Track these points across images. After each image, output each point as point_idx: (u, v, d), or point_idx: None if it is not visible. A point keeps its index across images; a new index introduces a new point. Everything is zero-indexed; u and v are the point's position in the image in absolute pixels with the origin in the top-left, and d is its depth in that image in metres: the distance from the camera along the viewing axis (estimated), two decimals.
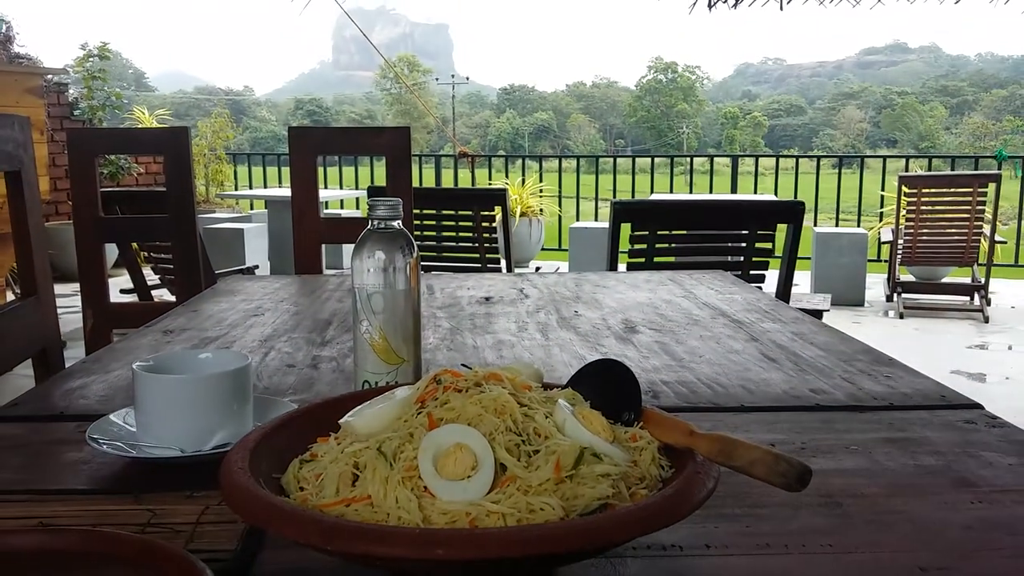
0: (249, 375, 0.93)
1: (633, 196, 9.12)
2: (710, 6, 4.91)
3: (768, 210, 3.10)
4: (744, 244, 2.98)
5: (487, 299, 1.81)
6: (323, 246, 2.78)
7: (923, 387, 1.17)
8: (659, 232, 2.96)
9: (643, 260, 2.92)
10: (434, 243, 3.92)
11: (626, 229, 2.90)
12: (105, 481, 0.87)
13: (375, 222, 0.95)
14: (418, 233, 3.79)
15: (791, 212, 2.93)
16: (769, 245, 3.00)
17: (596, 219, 9.13)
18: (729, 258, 3.20)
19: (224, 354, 0.98)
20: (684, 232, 3.12)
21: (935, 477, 0.87)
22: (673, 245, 3.08)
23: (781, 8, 4.73)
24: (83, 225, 2.57)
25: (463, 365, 0.77)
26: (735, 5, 5.05)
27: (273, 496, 0.62)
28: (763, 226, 2.98)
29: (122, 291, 4.89)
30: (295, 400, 1.04)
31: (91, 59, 8.05)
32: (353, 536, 0.56)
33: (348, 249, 7.59)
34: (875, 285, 6.96)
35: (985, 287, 6.18)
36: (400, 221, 0.96)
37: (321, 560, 0.69)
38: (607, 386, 0.79)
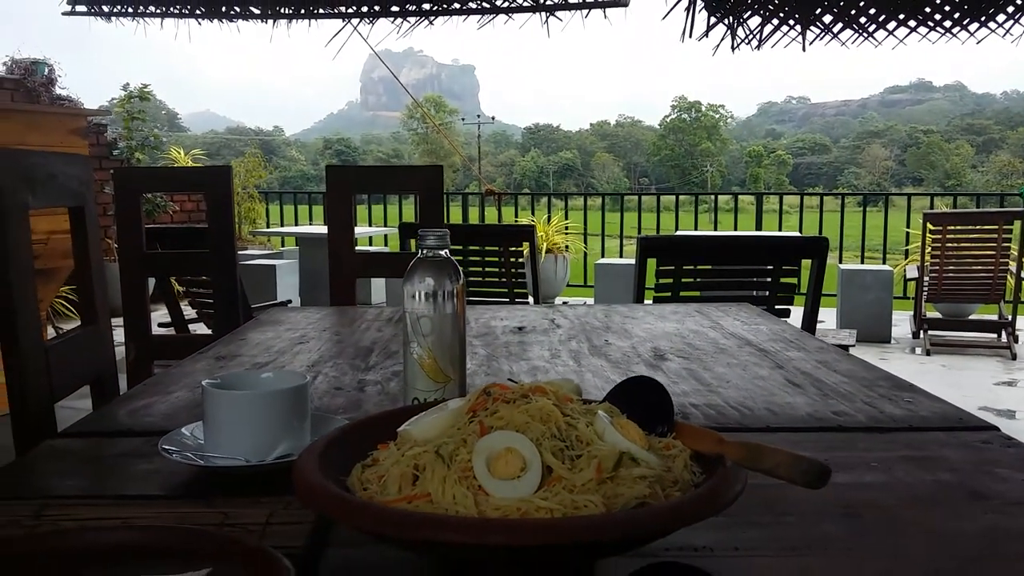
0: (308, 393, 1.01)
1: (658, 233, 9.19)
2: (733, 48, 4.99)
3: (792, 246, 3.15)
4: (769, 279, 3.03)
5: (520, 329, 1.88)
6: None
7: (941, 410, 1.22)
8: (685, 267, 3.02)
9: (669, 295, 2.98)
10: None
11: (652, 265, 2.96)
12: (177, 488, 0.94)
13: (424, 251, 1.03)
14: None
15: (815, 248, 2.98)
16: (794, 280, 3.05)
17: (621, 256, 9.20)
18: (755, 293, 3.25)
19: (284, 374, 1.06)
20: (710, 267, 3.18)
21: (951, 491, 0.92)
22: (699, 280, 3.13)
23: (804, 49, 4.79)
24: (128, 260, 2.67)
25: (509, 379, 0.84)
26: (758, 46, 5.11)
27: (346, 493, 0.69)
28: (788, 262, 3.03)
29: (159, 325, 5.00)
30: (346, 419, 1.11)
31: (132, 100, 8.29)
32: (420, 525, 0.62)
33: (376, 284, 7.71)
34: (901, 322, 6.95)
35: (1012, 324, 6.16)
36: (448, 250, 1.04)
37: (381, 556, 0.76)
38: (642, 401, 0.85)
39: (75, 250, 1.68)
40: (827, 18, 4.77)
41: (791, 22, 4.79)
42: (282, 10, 5.27)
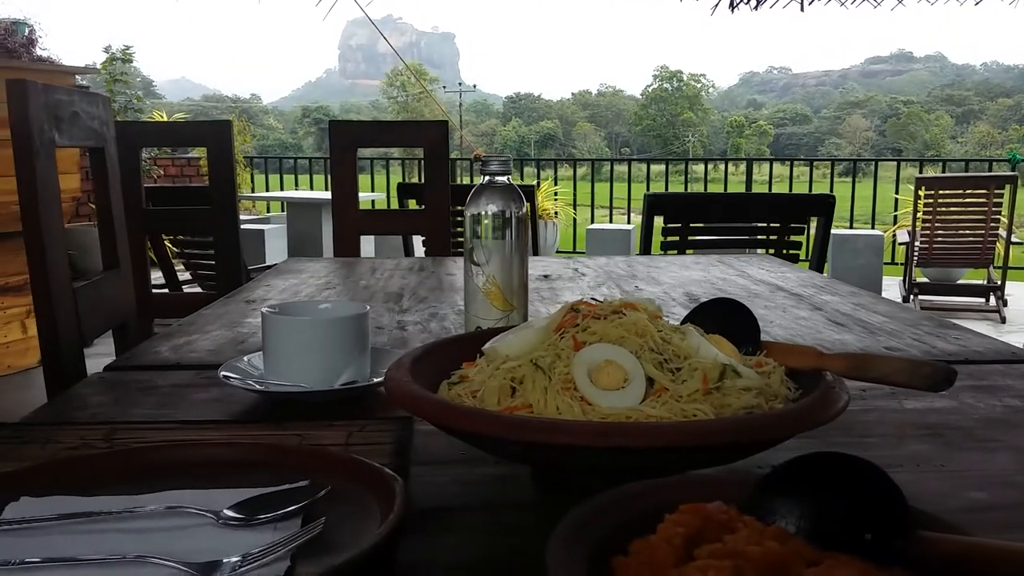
0: (368, 322, 0.99)
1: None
2: (732, 7, 4.95)
3: (799, 203, 3.15)
4: (775, 237, 3.03)
5: (546, 276, 1.86)
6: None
7: (993, 346, 1.22)
8: (691, 225, 3.01)
9: (676, 252, 2.97)
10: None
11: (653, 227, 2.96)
12: (242, 415, 0.92)
13: (487, 177, 1.01)
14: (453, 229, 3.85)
15: (822, 205, 2.98)
16: (800, 238, 3.05)
17: (611, 222, 9.19)
18: (758, 251, 3.25)
19: (343, 304, 1.04)
20: (715, 225, 3.17)
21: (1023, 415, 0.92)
22: (704, 238, 3.12)
23: (802, 9, 4.76)
24: (128, 216, 2.62)
25: (593, 298, 0.82)
26: (756, 7, 5.07)
27: (462, 403, 0.67)
28: (794, 219, 3.03)
29: (153, 287, 4.94)
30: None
31: (114, 62, 8.14)
32: (541, 429, 0.61)
33: (365, 247, 7.66)
34: (891, 287, 7.00)
35: (1001, 288, 6.22)
36: (509, 176, 1.01)
37: (468, 471, 0.75)
38: (724, 322, 0.84)
39: (96, 193, 1.64)
40: None
41: None
42: None
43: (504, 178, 1.01)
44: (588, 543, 0.48)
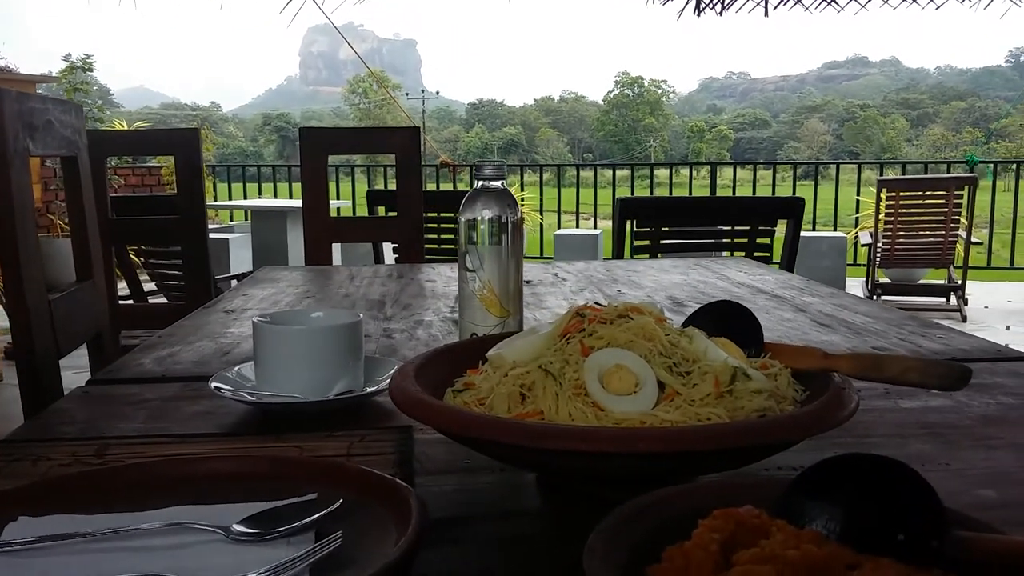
0: (361, 330, 0.97)
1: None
2: (698, 11, 4.99)
3: (768, 206, 3.18)
4: (745, 240, 3.05)
5: (527, 282, 1.85)
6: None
7: (978, 344, 1.23)
8: (662, 228, 3.03)
9: (647, 257, 2.99)
10: (436, 245, 3.98)
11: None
12: (234, 427, 0.90)
13: (481, 182, 1.00)
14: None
15: (791, 208, 3.01)
16: (769, 241, 3.08)
17: (577, 227, 9.22)
18: (723, 253, 3.27)
19: (335, 312, 1.02)
20: (685, 228, 3.19)
21: (1019, 411, 0.93)
22: (674, 241, 3.14)
23: (766, 14, 4.80)
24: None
25: (596, 303, 0.81)
26: (722, 12, 5.12)
27: (474, 411, 0.66)
28: (764, 222, 3.05)
29: (119, 298, 4.85)
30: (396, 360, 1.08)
31: (74, 71, 8.01)
32: (560, 436, 0.60)
33: (334, 251, 7.61)
34: (853, 288, 7.09)
35: (962, 288, 6.33)
36: (504, 182, 1.00)
37: (472, 479, 0.74)
38: (726, 324, 0.84)
39: (68, 202, 1.60)
40: None
41: None
42: None
43: (498, 183, 1.00)
44: (622, 552, 0.47)
